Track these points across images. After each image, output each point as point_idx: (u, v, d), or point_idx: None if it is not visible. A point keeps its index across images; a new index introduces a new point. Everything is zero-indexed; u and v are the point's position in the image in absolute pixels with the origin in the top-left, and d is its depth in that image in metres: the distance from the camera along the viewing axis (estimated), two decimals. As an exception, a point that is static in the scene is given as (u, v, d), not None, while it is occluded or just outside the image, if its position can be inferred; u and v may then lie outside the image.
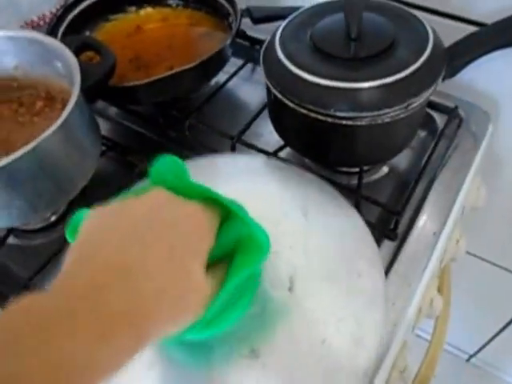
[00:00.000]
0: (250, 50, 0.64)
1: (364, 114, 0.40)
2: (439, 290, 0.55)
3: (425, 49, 0.41)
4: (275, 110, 0.47)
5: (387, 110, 0.40)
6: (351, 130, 0.41)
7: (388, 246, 0.46)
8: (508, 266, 0.78)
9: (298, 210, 0.36)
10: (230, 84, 0.60)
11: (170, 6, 0.63)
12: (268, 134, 0.54)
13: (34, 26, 0.61)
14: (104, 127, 0.55)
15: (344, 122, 0.40)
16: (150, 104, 0.56)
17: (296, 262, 0.33)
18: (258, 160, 0.43)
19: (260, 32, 0.64)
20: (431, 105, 0.55)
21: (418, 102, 0.41)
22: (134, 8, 0.63)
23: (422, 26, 0.44)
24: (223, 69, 0.57)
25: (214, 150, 0.52)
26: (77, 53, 0.46)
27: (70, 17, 0.58)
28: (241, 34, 0.63)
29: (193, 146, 0.53)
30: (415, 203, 0.48)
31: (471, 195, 0.56)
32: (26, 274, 0.44)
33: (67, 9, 0.58)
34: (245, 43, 0.64)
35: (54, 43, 0.46)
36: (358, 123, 0.40)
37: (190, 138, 0.53)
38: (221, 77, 0.59)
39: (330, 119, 0.40)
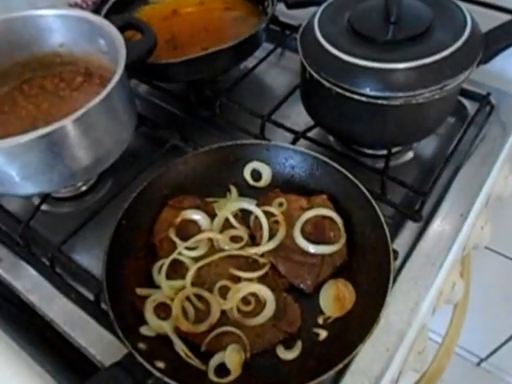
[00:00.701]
0: (280, 35, 0.65)
1: (399, 94, 0.40)
2: (461, 276, 0.55)
3: (462, 33, 0.42)
4: (309, 89, 0.48)
5: (422, 91, 0.40)
6: (385, 109, 0.42)
7: (412, 227, 0.46)
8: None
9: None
10: (259, 68, 0.61)
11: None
12: (295, 116, 0.56)
13: (77, 8, 0.64)
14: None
15: (379, 101, 0.41)
16: (183, 82, 0.58)
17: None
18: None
19: (291, 18, 0.65)
20: (462, 92, 0.55)
21: (453, 84, 0.41)
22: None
23: (461, 12, 0.44)
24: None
25: (243, 129, 0.53)
26: (121, 30, 0.49)
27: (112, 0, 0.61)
28: (273, 19, 0.64)
29: (222, 125, 0.55)
30: (441, 188, 0.49)
31: (498, 183, 0.56)
32: (57, 238, 0.46)
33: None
34: (275, 28, 0.65)
35: (102, 22, 0.48)
36: (393, 103, 0.41)
37: (221, 116, 0.55)
38: (249, 61, 0.60)
39: (364, 98, 0.41)
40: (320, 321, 0.39)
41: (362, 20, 0.43)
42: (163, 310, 0.40)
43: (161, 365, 0.34)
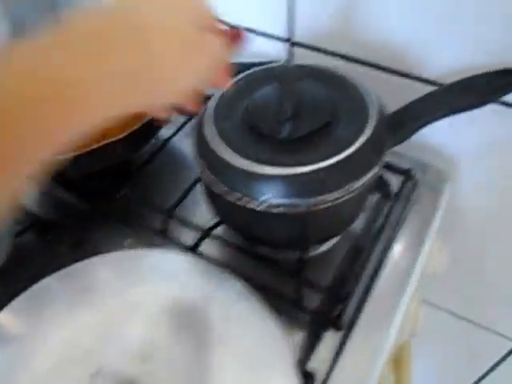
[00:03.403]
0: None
1: (298, 202, 0.35)
2: (395, 369, 0.50)
3: (365, 125, 0.37)
4: (205, 188, 0.42)
5: (324, 197, 0.35)
6: (287, 217, 0.37)
7: (336, 335, 0.41)
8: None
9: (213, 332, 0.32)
10: (172, 142, 0.56)
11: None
12: (204, 203, 0.50)
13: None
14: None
15: (280, 210, 0.36)
16: (75, 177, 0.51)
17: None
18: (176, 259, 0.38)
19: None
20: (384, 166, 0.51)
21: (359, 183, 0.37)
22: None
23: (365, 95, 0.40)
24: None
25: (146, 226, 0.47)
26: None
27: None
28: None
29: (124, 220, 0.49)
30: (365, 283, 0.44)
31: (431, 261, 0.52)
32: None
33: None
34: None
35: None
36: (293, 211, 0.36)
37: (121, 211, 0.48)
38: (165, 131, 0.55)
39: (261, 208, 0.36)
40: None
41: (257, 114, 0.38)
42: None
43: None
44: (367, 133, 0.37)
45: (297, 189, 0.35)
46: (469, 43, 0.45)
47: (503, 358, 0.74)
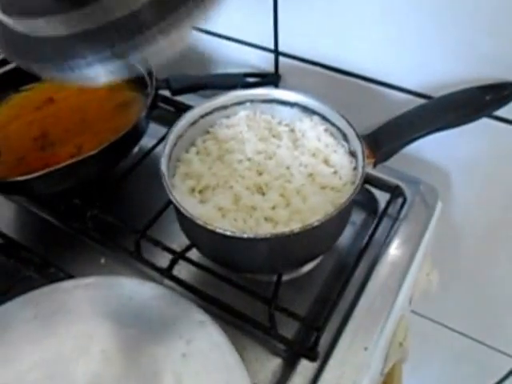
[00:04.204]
0: (174, 115, 0.58)
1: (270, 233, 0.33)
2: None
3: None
4: (178, 213, 0.40)
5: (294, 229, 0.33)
6: (262, 242, 0.35)
7: (308, 366, 0.39)
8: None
9: (170, 373, 0.30)
10: (154, 152, 0.54)
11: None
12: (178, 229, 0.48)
13: None
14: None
15: (245, 236, 0.34)
16: (44, 195, 0.50)
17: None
18: (145, 290, 0.36)
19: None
20: (369, 181, 0.49)
21: (331, 214, 0.34)
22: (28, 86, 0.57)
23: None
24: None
25: (118, 245, 0.46)
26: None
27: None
28: (163, 99, 0.57)
29: (99, 238, 0.47)
30: (347, 306, 0.42)
31: (420, 282, 0.49)
32: None
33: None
34: (168, 108, 0.58)
35: None
36: (260, 237, 0.34)
37: (93, 230, 0.47)
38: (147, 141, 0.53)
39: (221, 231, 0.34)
40: None
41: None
42: None
43: None
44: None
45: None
46: (459, 56, 0.43)
47: (506, 377, 0.71)
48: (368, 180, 0.49)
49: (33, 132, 0.52)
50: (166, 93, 0.55)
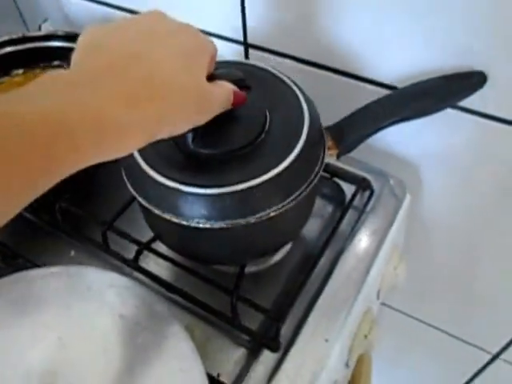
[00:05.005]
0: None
1: (221, 224, 0.33)
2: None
3: (297, 140, 0.35)
4: (139, 205, 0.40)
5: (248, 219, 0.33)
6: (213, 232, 0.35)
7: (271, 356, 0.39)
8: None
9: (121, 360, 0.30)
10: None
11: (61, 66, 0.58)
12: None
13: None
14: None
15: (200, 226, 0.34)
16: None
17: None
18: (106, 280, 0.36)
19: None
20: (337, 173, 0.49)
21: (287, 205, 0.34)
22: (20, 71, 0.57)
23: (302, 105, 0.38)
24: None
25: (88, 238, 0.46)
26: None
27: None
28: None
29: (68, 230, 0.48)
30: (310, 297, 0.42)
31: (387, 276, 0.50)
32: None
33: None
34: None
35: None
36: (218, 226, 0.34)
37: (61, 222, 0.47)
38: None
39: (186, 223, 0.34)
40: None
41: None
42: None
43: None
44: (297, 149, 0.35)
45: (223, 208, 0.33)
46: (425, 44, 0.43)
47: (480, 371, 0.71)
48: (336, 173, 0.49)
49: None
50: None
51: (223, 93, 0.31)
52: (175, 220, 0.34)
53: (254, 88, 0.37)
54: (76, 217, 0.47)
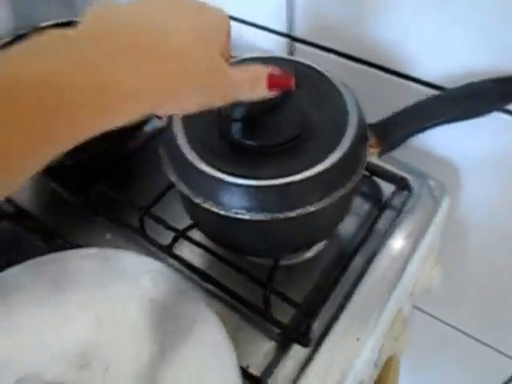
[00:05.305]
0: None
1: (260, 216, 0.33)
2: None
3: (342, 138, 0.35)
4: (179, 193, 0.40)
5: (289, 213, 0.33)
6: (251, 224, 0.35)
7: (300, 352, 0.39)
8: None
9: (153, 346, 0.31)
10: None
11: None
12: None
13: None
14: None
15: (239, 217, 0.34)
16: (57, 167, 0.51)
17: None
18: (141, 265, 0.37)
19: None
20: (376, 172, 0.48)
21: (331, 199, 0.34)
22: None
23: (348, 103, 0.37)
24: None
25: (124, 220, 0.47)
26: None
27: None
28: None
29: (105, 213, 0.48)
30: (343, 295, 0.42)
31: (422, 278, 0.49)
32: None
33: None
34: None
35: None
36: (258, 218, 0.34)
37: (98, 205, 0.48)
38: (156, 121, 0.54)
39: (225, 214, 0.34)
40: None
41: (227, 119, 0.36)
42: None
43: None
44: (343, 147, 0.34)
45: (263, 201, 0.33)
46: (476, 45, 0.41)
47: (510, 380, 0.70)
48: (375, 171, 0.49)
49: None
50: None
51: (245, 75, 0.29)
52: (215, 209, 0.34)
53: (300, 84, 0.36)
54: (113, 201, 0.48)
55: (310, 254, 0.47)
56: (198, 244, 0.43)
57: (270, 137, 0.35)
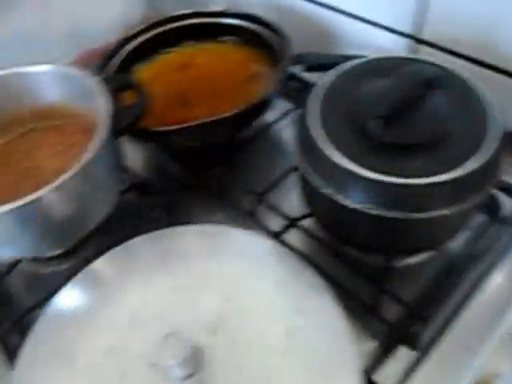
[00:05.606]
0: (301, 93, 0.60)
1: (394, 214, 0.34)
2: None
3: (481, 144, 0.34)
4: (303, 179, 0.42)
5: (422, 214, 0.33)
6: (380, 220, 0.35)
7: (408, 354, 0.39)
8: None
9: (283, 323, 0.32)
10: (276, 126, 0.57)
11: (225, 42, 0.62)
12: (297, 193, 0.50)
13: (96, 54, 0.63)
14: (130, 158, 0.54)
15: (372, 213, 0.35)
16: (181, 148, 0.55)
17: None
18: (262, 244, 0.38)
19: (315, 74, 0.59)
20: (499, 186, 0.47)
21: (462, 206, 0.34)
22: (190, 42, 0.62)
23: (487, 108, 0.36)
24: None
25: (235, 205, 0.49)
26: (119, 90, 0.47)
27: (128, 49, 0.59)
28: (293, 76, 0.59)
29: (216, 196, 0.51)
30: (453, 307, 0.41)
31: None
32: (29, 301, 0.44)
33: (125, 41, 0.59)
34: (296, 85, 0.60)
35: (92, 82, 0.47)
36: (387, 215, 0.34)
37: (214, 188, 0.51)
38: (269, 117, 0.56)
39: (359, 208, 0.35)
40: None
41: (362, 113, 0.36)
42: None
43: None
44: (482, 153, 0.33)
45: (396, 200, 0.33)
46: None
47: None
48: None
49: (172, 91, 0.57)
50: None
51: None
52: (344, 202, 0.35)
53: (439, 87, 0.36)
54: (227, 184, 0.50)
55: (416, 259, 0.46)
56: (310, 234, 0.44)
57: (409, 136, 0.35)
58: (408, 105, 0.35)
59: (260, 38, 0.58)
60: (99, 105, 0.45)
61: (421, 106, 0.36)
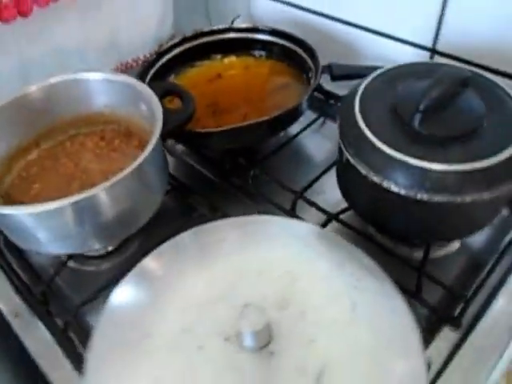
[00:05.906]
0: (323, 103, 0.64)
1: (439, 198, 0.37)
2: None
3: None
4: (344, 171, 0.45)
5: (464, 197, 0.36)
6: (423, 206, 0.38)
7: (451, 335, 0.41)
8: None
9: (346, 298, 0.34)
10: (299, 136, 0.60)
11: (253, 55, 0.66)
12: (331, 191, 0.52)
13: (128, 68, 0.67)
14: (170, 163, 0.56)
15: (418, 197, 0.38)
16: (219, 150, 0.58)
17: (331, 355, 0.31)
18: (311, 229, 0.41)
19: (335, 86, 0.63)
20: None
21: (502, 192, 0.37)
22: (219, 56, 0.66)
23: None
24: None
25: (275, 203, 0.51)
26: (162, 96, 0.50)
27: (161, 62, 0.63)
28: (317, 87, 0.63)
29: (255, 196, 0.53)
30: (489, 290, 0.44)
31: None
32: (78, 298, 0.46)
33: (159, 55, 0.62)
34: (319, 96, 0.64)
35: (144, 88, 0.49)
36: (432, 200, 0.37)
37: (253, 187, 0.53)
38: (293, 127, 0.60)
39: (402, 192, 0.38)
40: None
41: (407, 107, 0.40)
42: None
43: None
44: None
45: (439, 184, 0.37)
46: None
47: None
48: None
49: (205, 100, 0.60)
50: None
51: None
52: (394, 189, 0.38)
53: (473, 86, 0.40)
54: (265, 184, 0.53)
55: (442, 252, 0.49)
56: (350, 226, 0.47)
57: (447, 128, 0.38)
58: (445, 101, 0.39)
59: (288, 52, 0.62)
60: (151, 110, 0.48)
61: (457, 102, 0.39)
